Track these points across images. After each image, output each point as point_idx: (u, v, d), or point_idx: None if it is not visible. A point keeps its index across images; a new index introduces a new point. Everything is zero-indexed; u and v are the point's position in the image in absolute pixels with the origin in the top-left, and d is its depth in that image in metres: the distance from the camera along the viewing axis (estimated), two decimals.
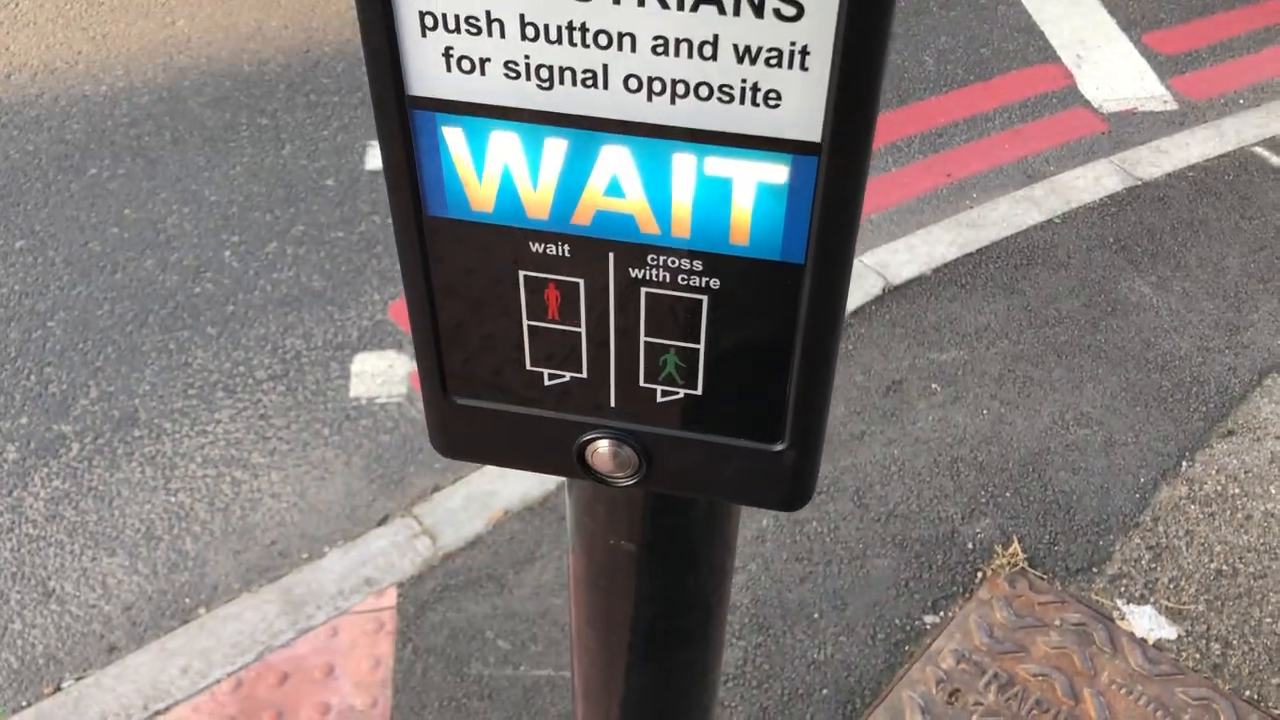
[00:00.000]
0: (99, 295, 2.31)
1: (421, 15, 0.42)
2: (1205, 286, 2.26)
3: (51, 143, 2.69)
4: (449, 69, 0.44)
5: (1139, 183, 2.52)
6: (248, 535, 1.86)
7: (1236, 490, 1.87)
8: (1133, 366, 2.09)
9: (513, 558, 1.78)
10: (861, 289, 2.23)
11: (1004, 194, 2.54)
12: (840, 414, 2.00)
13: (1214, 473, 1.89)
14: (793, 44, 0.40)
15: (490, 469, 1.95)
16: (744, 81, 0.42)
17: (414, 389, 2.12)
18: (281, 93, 2.85)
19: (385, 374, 2.16)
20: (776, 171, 0.44)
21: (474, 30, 0.42)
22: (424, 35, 0.43)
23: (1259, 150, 2.61)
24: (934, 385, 2.06)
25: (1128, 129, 2.80)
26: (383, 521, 1.87)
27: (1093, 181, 2.53)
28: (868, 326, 2.17)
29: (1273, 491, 1.87)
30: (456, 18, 0.42)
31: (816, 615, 1.71)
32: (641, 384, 0.52)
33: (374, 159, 2.69)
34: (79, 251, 2.42)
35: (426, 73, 0.44)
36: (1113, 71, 2.99)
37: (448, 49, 0.43)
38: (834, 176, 0.43)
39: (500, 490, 1.87)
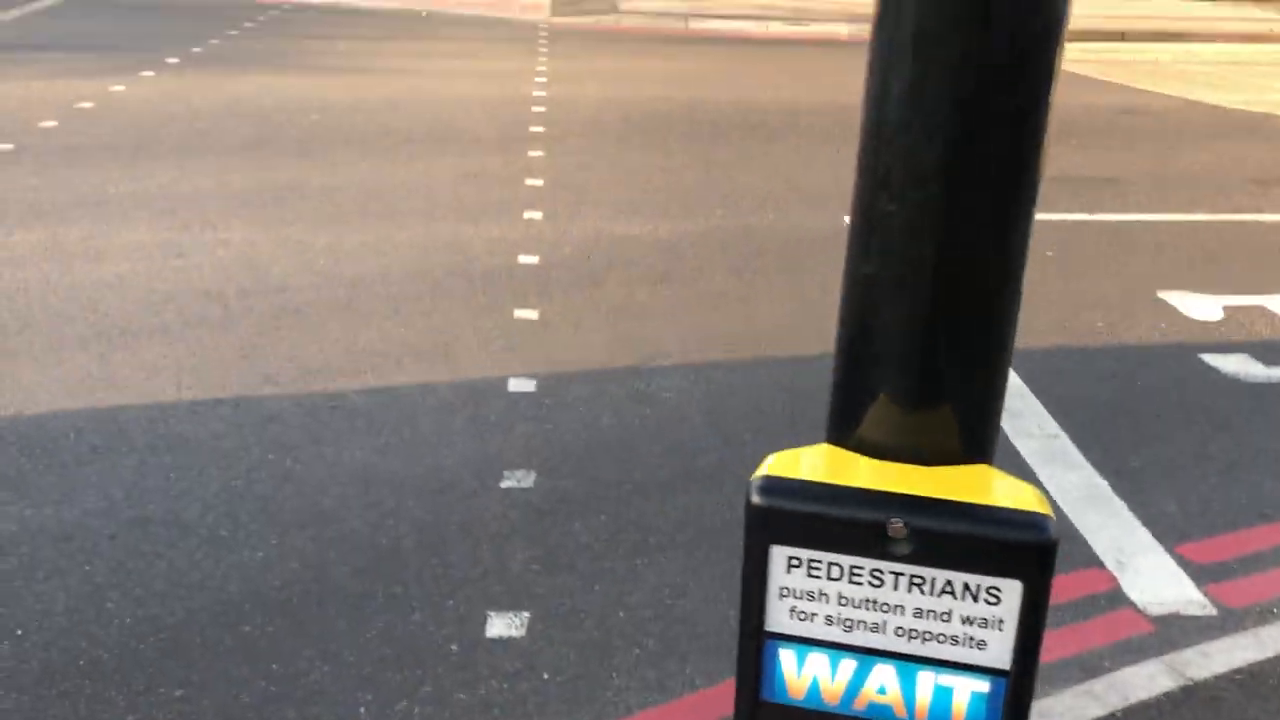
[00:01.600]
0: None
1: (780, 590, 0.77)
2: None
3: (212, 602, 3.06)
4: (791, 617, 0.78)
5: (1190, 682, 2.77)
6: None
7: None
8: None
9: None
10: None
11: (1067, 687, 2.78)
12: None
13: None
14: (994, 616, 0.74)
15: None
16: (965, 634, 0.75)
17: None
18: (413, 565, 3.25)
19: None
20: (982, 685, 0.76)
21: (810, 599, 0.77)
22: (780, 599, 0.78)
23: None
24: None
25: (1173, 631, 3.09)
26: None
27: (1147, 679, 2.78)
28: None
29: None
30: (801, 591, 0.77)
31: None
32: None
33: (494, 627, 3.01)
34: (229, 703, 2.69)
35: (778, 619, 0.78)
36: (1153, 578, 3.34)
37: (793, 608, 0.78)
38: (1015, 687, 0.76)
39: None
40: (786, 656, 0.79)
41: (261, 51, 11.15)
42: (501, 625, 3.01)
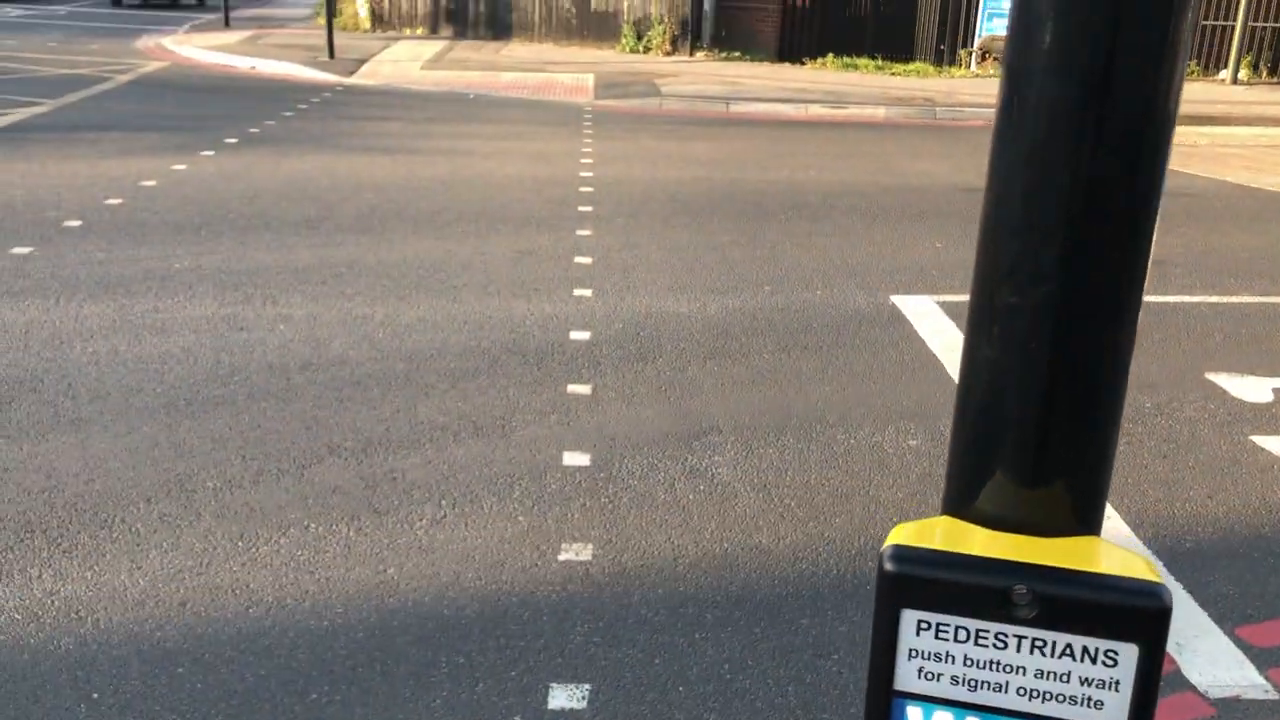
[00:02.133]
0: None
1: (910, 651, 0.84)
2: None
3: (280, 669, 3.13)
4: (919, 677, 0.84)
5: None
6: None
7: None
8: None
9: None
10: None
11: None
12: None
13: None
14: (1111, 678, 0.80)
15: None
16: (1083, 694, 0.81)
17: None
18: (475, 636, 3.30)
19: None
20: None
21: (937, 660, 0.84)
22: (909, 660, 0.84)
23: None
24: None
25: (1235, 715, 3.07)
26: None
27: None
28: None
29: None
30: (929, 652, 0.84)
31: None
32: None
33: (556, 699, 3.05)
34: None
35: (907, 679, 0.85)
36: (1213, 660, 3.32)
37: (921, 668, 0.84)
38: None
39: None
40: (914, 714, 0.85)
41: (316, 133, 11.51)
42: (564, 697, 3.05)
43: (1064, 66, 0.82)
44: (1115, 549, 0.85)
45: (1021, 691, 0.82)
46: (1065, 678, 0.80)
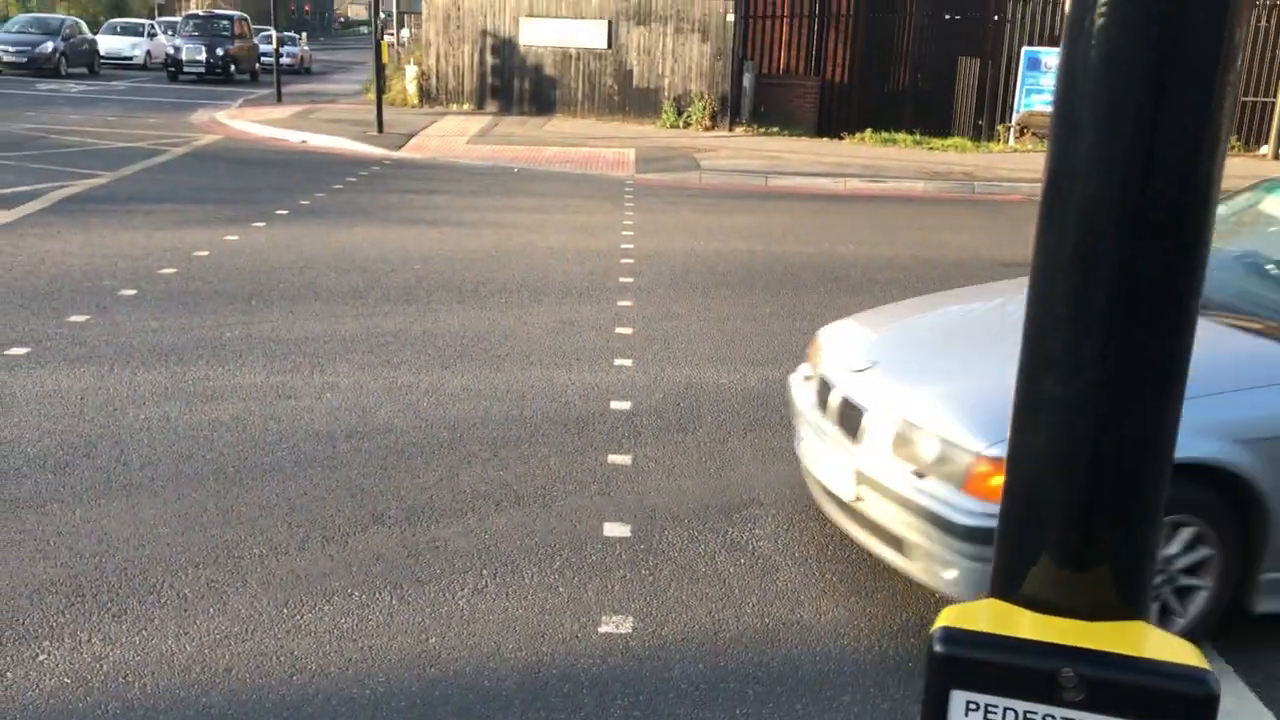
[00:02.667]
0: None
1: (967, 704, 0.86)
2: None
3: None
4: None
5: None
6: None
7: None
8: None
9: None
10: None
11: None
12: None
13: None
14: None
15: None
16: None
17: None
18: (516, 708, 3.30)
19: None
20: None
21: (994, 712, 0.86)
22: (966, 715, 0.86)
23: None
24: None
25: None
26: None
27: None
28: None
29: None
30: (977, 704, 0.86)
31: None
32: None
33: None
34: None
35: None
36: None
37: None
38: None
39: None
40: None
41: (365, 205, 11.78)
42: None
43: (1105, 163, 0.87)
44: (1161, 634, 0.87)
45: None
46: None
